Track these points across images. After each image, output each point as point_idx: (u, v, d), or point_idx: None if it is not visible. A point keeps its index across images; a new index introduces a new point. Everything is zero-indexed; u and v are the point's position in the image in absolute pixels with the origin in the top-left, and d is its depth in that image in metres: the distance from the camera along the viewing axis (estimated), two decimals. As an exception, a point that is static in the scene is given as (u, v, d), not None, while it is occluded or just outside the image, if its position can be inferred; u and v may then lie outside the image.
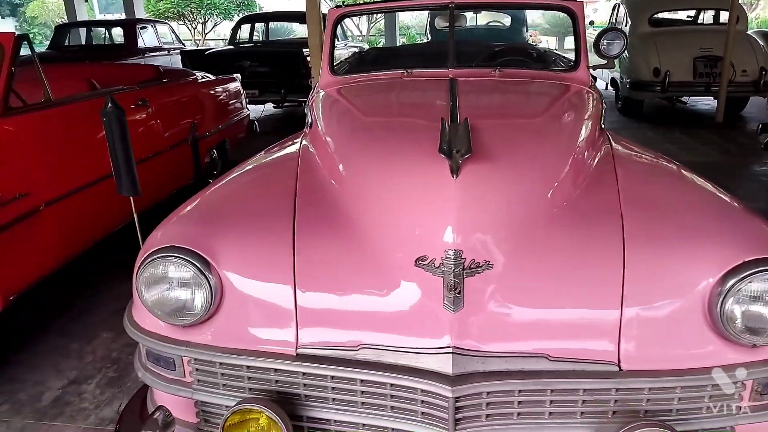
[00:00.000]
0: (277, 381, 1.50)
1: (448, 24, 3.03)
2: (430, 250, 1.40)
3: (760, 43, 8.17)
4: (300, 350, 1.46)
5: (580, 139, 1.92)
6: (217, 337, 1.53)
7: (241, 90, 5.91)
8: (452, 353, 1.37)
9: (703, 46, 7.73)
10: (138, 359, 1.71)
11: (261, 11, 10.58)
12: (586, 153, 1.89)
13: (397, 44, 13.03)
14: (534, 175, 1.57)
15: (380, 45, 15.26)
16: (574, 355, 1.39)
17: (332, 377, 1.45)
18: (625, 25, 9.11)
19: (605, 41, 2.88)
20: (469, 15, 8.95)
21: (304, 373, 1.46)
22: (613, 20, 9.71)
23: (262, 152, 2.44)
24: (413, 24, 25.84)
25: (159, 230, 1.67)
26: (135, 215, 1.91)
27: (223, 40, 23.39)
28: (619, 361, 1.39)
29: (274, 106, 9.23)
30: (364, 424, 1.47)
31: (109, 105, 1.71)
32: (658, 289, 1.42)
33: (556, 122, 2.01)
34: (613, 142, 2.15)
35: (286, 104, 8.42)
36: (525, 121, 2.02)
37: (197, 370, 1.55)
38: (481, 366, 1.38)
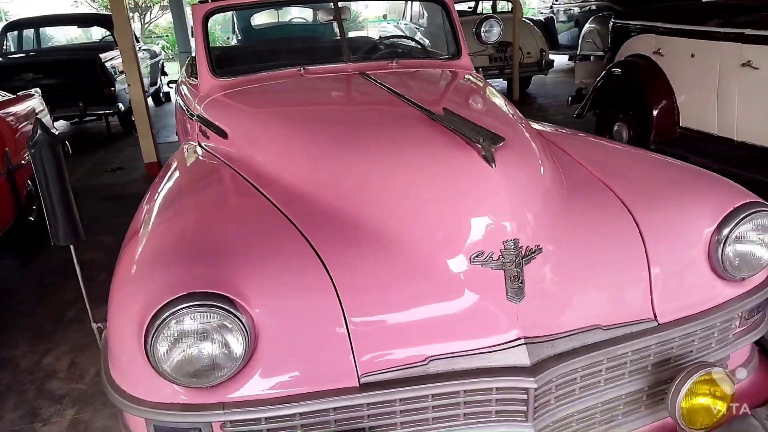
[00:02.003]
0: (336, 420, 1.32)
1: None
2: (485, 244, 1.35)
3: (536, 28, 9.41)
4: (364, 379, 1.30)
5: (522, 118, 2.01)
6: (256, 389, 1.29)
7: (44, 107, 5.03)
8: (525, 344, 1.34)
9: (492, 33, 8.62)
10: (132, 440, 1.37)
11: (23, 17, 8.95)
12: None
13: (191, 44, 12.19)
14: (538, 155, 1.59)
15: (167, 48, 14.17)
16: (621, 320, 1.46)
17: (401, 400, 1.32)
18: (421, 17, 9.77)
19: (484, 28, 3.05)
20: (294, 10, 8.72)
21: (369, 404, 1.31)
22: (412, 12, 10.31)
23: (167, 180, 2.10)
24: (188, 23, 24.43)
25: (143, 283, 1.34)
26: (78, 269, 1.52)
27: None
28: (655, 316, 1.49)
29: (71, 123, 8.05)
30: None
31: (39, 132, 1.32)
32: (670, 244, 1.55)
33: (503, 105, 2.07)
34: None
35: (86, 119, 7.38)
36: (485, 107, 2.04)
37: (233, 434, 1.29)
38: (551, 350, 1.37)
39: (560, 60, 11.45)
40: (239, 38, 8.24)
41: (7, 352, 2.86)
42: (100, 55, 7.10)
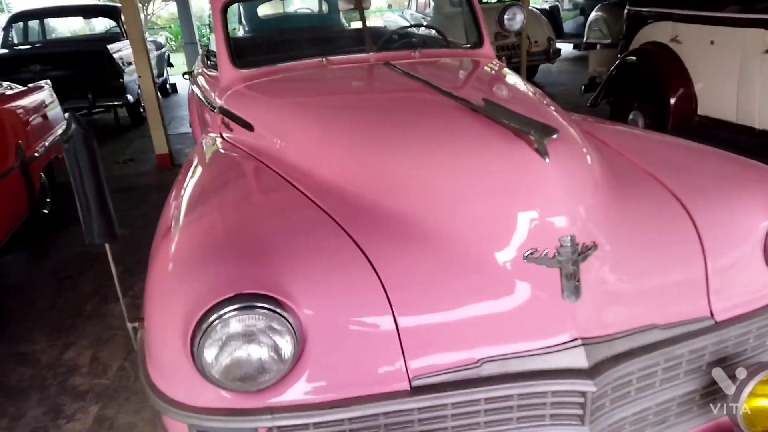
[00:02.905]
0: (386, 425, 1.27)
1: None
2: (540, 241, 1.29)
3: (543, 17, 9.31)
4: (415, 382, 1.25)
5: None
6: (303, 393, 1.24)
7: (55, 99, 4.97)
8: (583, 345, 1.29)
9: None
10: (174, 446, 1.32)
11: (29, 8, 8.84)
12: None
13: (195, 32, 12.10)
14: (587, 147, 1.53)
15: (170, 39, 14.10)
16: (677, 318, 1.41)
17: (453, 404, 1.27)
18: (427, 7, 9.66)
19: (507, 16, 2.98)
20: (297, 0, 8.62)
21: (420, 408, 1.26)
22: (417, 2, 10.20)
23: (195, 173, 2.04)
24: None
25: (186, 282, 1.28)
26: (113, 269, 1.46)
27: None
28: (712, 314, 1.44)
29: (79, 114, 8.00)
30: None
31: (73, 126, 1.27)
32: (725, 238, 1.49)
33: (539, 95, 2.00)
34: None
35: (95, 111, 7.33)
36: (523, 97, 1.97)
37: (279, 439, 1.25)
38: (609, 351, 1.32)
39: (566, 49, 11.34)
40: (246, 29, 8.16)
41: (27, 346, 2.82)
42: (108, 47, 7.02)
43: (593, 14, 9.55)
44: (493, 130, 1.44)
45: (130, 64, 8.05)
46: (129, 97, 7.45)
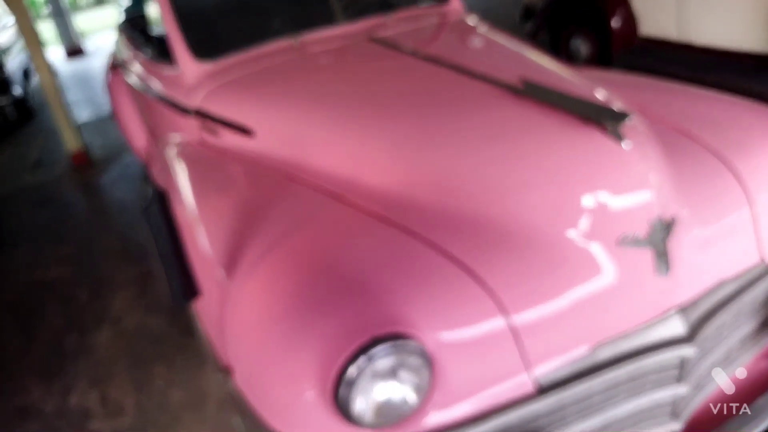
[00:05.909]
0: (518, 426, 1.30)
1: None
2: (631, 224, 1.33)
3: None
4: (542, 381, 1.28)
5: None
6: (436, 417, 1.24)
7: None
8: (677, 313, 1.37)
9: None
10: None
11: None
12: None
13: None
14: (643, 120, 1.55)
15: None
16: (738, 269, 1.51)
17: (575, 394, 1.31)
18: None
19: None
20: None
21: (549, 405, 1.29)
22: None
23: (204, 189, 1.91)
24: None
25: (306, 329, 1.22)
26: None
27: None
28: (762, 259, 1.55)
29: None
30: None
31: (150, 190, 1.13)
32: (760, 185, 1.57)
33: (554, 61, 1.96)
34: None
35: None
36: (552, 69, 1.87)
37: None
38: (696, 314, 1.41)
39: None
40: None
41: (22, 399, 2.58)
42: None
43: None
44: (555, 118, 1.43)
45: (6, 50, 7.17)
46: (18, 88, 6.69)
